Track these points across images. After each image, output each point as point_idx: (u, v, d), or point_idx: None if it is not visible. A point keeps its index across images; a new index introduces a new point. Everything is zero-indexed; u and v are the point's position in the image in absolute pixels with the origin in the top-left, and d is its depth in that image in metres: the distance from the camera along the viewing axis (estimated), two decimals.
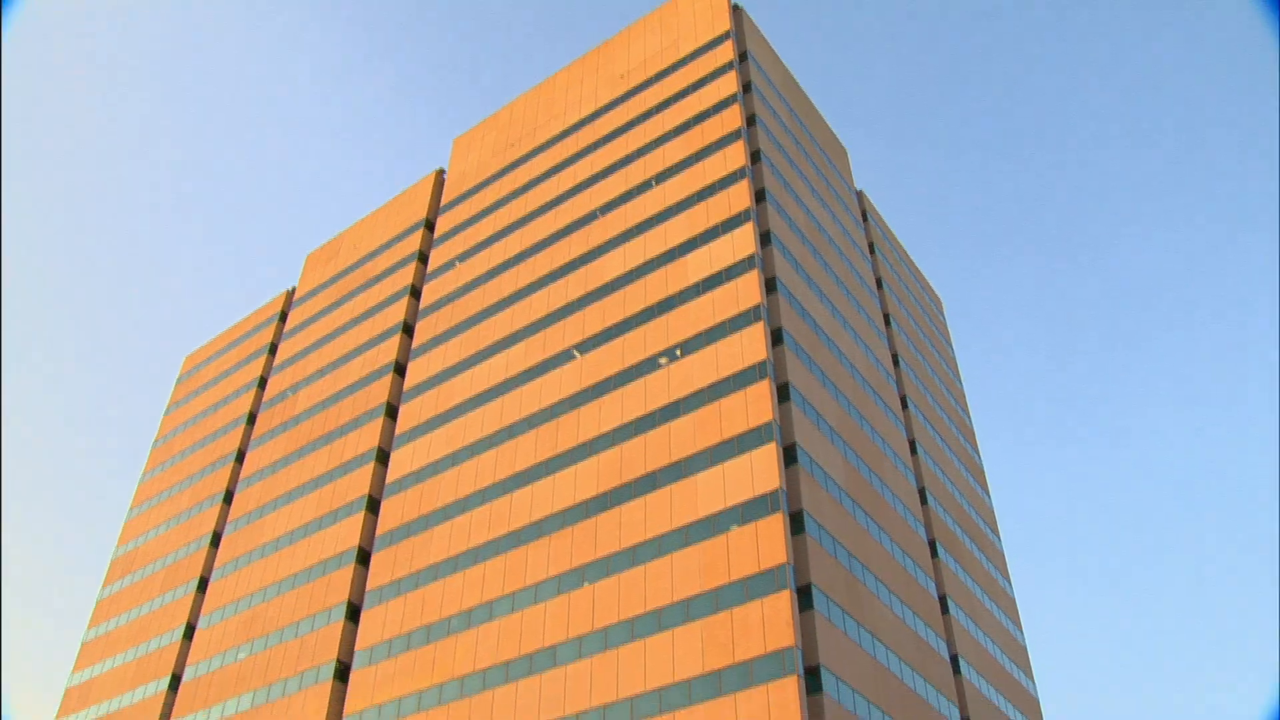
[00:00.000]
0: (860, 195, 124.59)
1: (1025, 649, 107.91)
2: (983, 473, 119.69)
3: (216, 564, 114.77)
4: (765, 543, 68.99)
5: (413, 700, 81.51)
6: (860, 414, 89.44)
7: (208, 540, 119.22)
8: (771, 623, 65.83)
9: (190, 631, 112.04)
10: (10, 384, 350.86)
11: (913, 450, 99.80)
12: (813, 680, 64.78)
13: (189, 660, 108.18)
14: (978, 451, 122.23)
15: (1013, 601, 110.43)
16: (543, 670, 74.68)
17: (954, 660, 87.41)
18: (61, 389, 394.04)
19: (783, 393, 77.77)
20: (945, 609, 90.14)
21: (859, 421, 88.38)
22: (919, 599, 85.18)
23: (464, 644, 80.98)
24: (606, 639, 72.59)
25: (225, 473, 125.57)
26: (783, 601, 66.25)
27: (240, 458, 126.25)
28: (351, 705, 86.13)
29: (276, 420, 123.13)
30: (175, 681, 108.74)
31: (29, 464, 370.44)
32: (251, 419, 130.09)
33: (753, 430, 74.66)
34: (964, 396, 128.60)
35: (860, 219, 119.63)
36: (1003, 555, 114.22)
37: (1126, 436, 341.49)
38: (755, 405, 75.62)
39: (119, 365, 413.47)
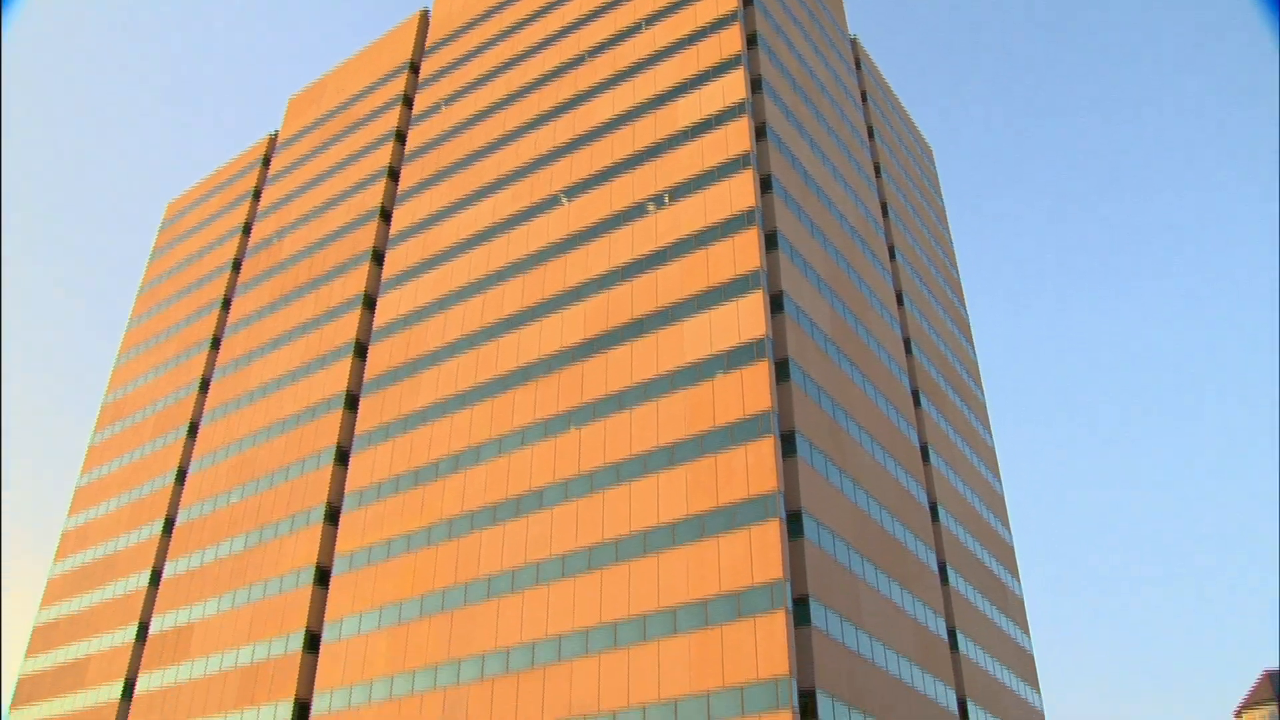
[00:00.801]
0: (854, 42, 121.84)
1: (1003, 498, 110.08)
2: (968, 324, 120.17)
3: (206, 409, 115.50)
4: (750, 389, 69.50)
5: (402, 541, 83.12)
6: (848, 263, 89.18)
7: (196, 386, 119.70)
8: (755, 468, 66.78)
9: (182, 476, 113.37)
10: None
11: (899, 301, 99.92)
12: (794, 524, 66.06)
13: (181, 504, 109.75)
14: (964, 303, 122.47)
15: (992, 452, 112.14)
16: (529, 512, 76.00)
17: (933, 508, 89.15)
18: (45, 238, 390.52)
19: (770, 240, 77.33)
20: (926, 458, 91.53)
21: (846, 270, 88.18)
22: (900, 447, 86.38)
23: (451, 487, 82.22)
24: (592, 482, 73.71)
25: (212, 319, 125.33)
26: (766, 447, 67.08)
27: (226, 304, 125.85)
28: (342, 547, 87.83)
29: (262, 266, 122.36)
30: (169, 525, 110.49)
31: (16, 311, 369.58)
32: (237, 265, 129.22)
33: (740, 277, 74.46)
34: (952, 249, 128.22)
35: (853, 66, 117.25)
36: (984, 406, 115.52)
37: (1115, 293, 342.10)
38: (743, 252, 75.26)
39: (103, 211, 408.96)
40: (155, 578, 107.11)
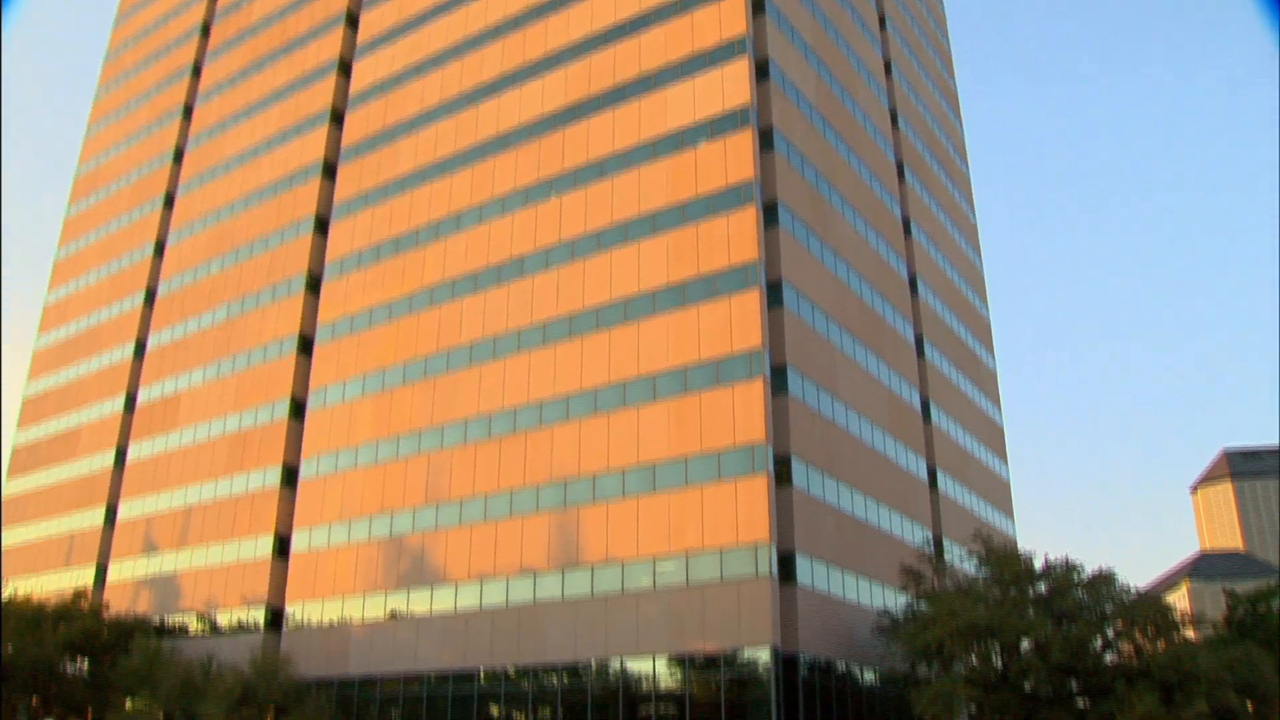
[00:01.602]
0: None
1: (982, 274, 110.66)
2: (956, 98, 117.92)
3: (181, 180, 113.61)
4: (733, 158, 68.58)
5: (384, 309, 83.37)
6: (836, 31, 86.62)
7: (170, 156, 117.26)
8: (736, 237, 66.57)
9: (160, 248, 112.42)
10: None
11: (887, 71, 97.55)
12: (774, 294, 66.39)
13: (162, 275, 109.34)
14: (952, 76, 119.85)
15: (974, 227, 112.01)
16: (510, 280, 76.03)
17: (912, 281, 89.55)
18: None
19: (757, 5, 74.74)
20: (908, 231, 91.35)
21: (834, 39, 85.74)
22: (883, 220, 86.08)
23: (432, 255, 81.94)
24: (573, 250, 73.50)
25: (182, 87, 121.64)
26: (748, 216, 66.70)
27: (197, 71, 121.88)
28: (324, 315, 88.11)
29: (232, 30, 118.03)
30: (150, 297, 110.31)
31: None
32: (206, 30, 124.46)
33: (725, 43, 72.32)
34: (944, 16, 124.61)
35: None
36: (969, 181, 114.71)
37: (1109, 71, 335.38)
38: (728, 18, 72.85)
39: None
40: (140, 349, 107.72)
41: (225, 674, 70.26)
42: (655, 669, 61.04)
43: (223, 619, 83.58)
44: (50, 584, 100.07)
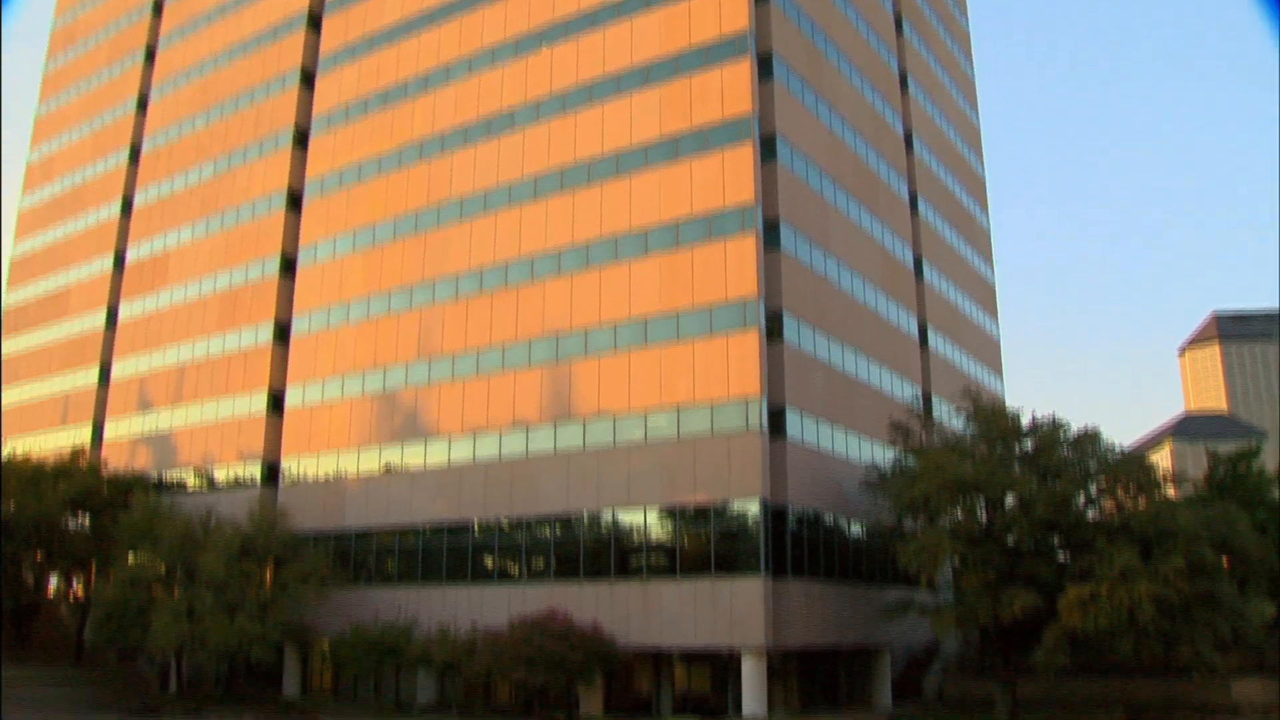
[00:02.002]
0: None
1: (979, 131, 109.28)
2: None
3: (162, 33, 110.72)
4: (727, 7, 66.82)
5: (372, 164, 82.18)
6: None
7: (149, 9, 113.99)
8: (730, 88, 65.37)
9: (143, 104, 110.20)
10: None
11: None
12: (768, 148, 65.50)
13: (146, 132, 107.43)
14: None
15: (972, 85, 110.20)
16: (500, 133, 74.81)
17: (908, 137, 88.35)
18: None
19: None
20: (905, 87, 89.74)
21: None
22: (880, 75, 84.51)
23: (421, 108, 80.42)
24: (564, 103, 72.13)
25: None
26: (742, 69, 65.39)
27: None
28: (312, 170, 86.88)
29: None
30: (135, 154, 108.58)
31: None
32: None
33: None
34: None
35: None
36: (968, 37, 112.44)
37: None
38: None
39: None
40: (127, 207, 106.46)
41: (224, 528, 71.38)
42: (646, 520, 62.10)
43: (220, 474, 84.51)
44: (48, 443, 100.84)
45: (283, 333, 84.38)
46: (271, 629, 65.70)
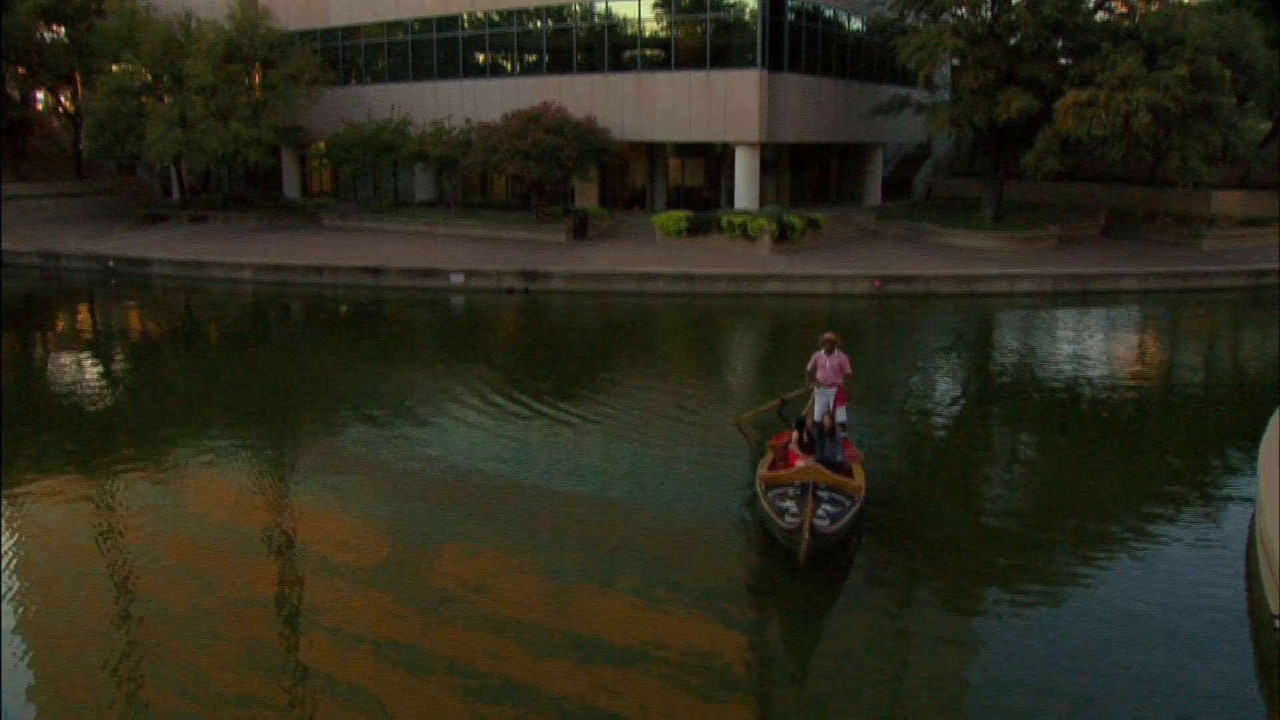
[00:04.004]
0: None
1: None
2: None
3: None
4: None
5: None
6: None
7: None
8: None
9: None
10: None
11: None
12: None
13: None
14: None
15: None
16: None
17: None
18: None
19: None
20: None
21: None
22: None
23: None
24: None
25: None
26: None
27: None
28: None
29: None
30: None
31: None
32: None
33: None
34: None
35: None
36: None
37: None
38: None
39: None
40: None
41: (206, 30, 69.00)
42: (640, 12, 59.89)
43: None
44: None
45: None
46: (265, 130, 65.25)
